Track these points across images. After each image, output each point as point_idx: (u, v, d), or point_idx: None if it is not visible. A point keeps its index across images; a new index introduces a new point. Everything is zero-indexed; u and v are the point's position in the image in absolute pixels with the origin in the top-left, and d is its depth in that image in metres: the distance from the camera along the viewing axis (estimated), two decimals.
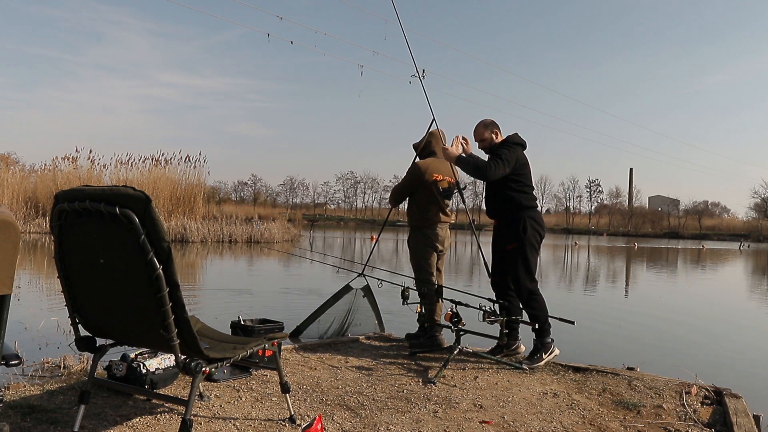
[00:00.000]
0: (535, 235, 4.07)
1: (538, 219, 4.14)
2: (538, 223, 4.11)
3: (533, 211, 4.14)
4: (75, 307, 2.31)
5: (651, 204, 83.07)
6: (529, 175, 4.19)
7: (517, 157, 4.10)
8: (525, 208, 4.09)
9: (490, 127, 4.28)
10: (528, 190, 4.16)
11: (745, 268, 21.10)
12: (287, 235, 23.88)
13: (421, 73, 5.00)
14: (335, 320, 5.02)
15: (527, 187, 4.15)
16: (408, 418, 2.88)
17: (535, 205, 4.18)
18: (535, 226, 4.08)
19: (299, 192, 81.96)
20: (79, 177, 22.71)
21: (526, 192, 4.14)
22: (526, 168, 4.18)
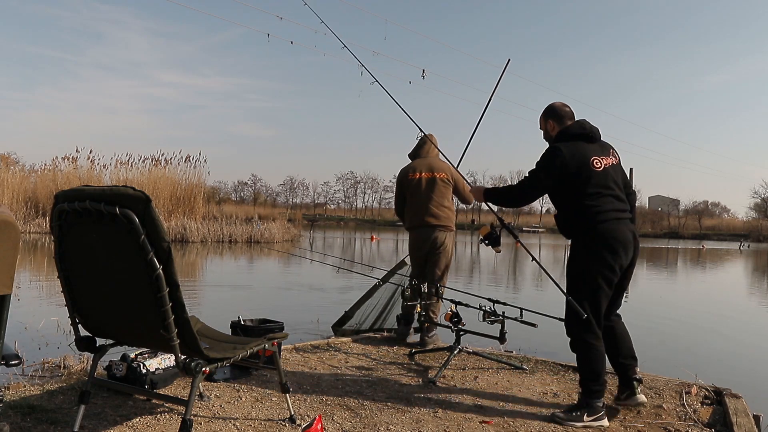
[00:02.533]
0: (593, 263, 3.00)
1: (603, 236, 2.99)
2: (603, 242, 2.98)
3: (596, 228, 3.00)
4: (75, 307, 2.31)
5: (651, 204, 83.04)
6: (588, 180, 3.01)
7: (557, 165, 3.02)
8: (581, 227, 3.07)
9: (545, 115, 3.29)
10: (590, 199, 3.01)
11: (745, 268, 21.09)
12: (287, 235, 23.88)
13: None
14: (373, 312, 5.07)
15: (587, 195, 3.01)
16: (408, 418, 2.88)
17: (603, 219, 2.99)
18: (595, 247, 3.00)
19: (299, 192, 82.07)
20: (79, 177, 22.71)
21: (587, 202, 3.01)
22: (583, 171, 3.00)
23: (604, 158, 3.08)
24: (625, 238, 3.00)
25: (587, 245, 3.03)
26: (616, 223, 3.01)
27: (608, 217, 3.00)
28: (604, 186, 3.02)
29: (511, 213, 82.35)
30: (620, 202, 3.06)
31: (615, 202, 3.03)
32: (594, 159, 3.04)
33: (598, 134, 3.17)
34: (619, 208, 3.05)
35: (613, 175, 3.07)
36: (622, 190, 3.11)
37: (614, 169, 3.10)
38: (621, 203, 3.07)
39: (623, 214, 3.05)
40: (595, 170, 3.02)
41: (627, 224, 3.06)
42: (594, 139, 3.13)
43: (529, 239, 40.72)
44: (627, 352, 3.19)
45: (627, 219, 3.08)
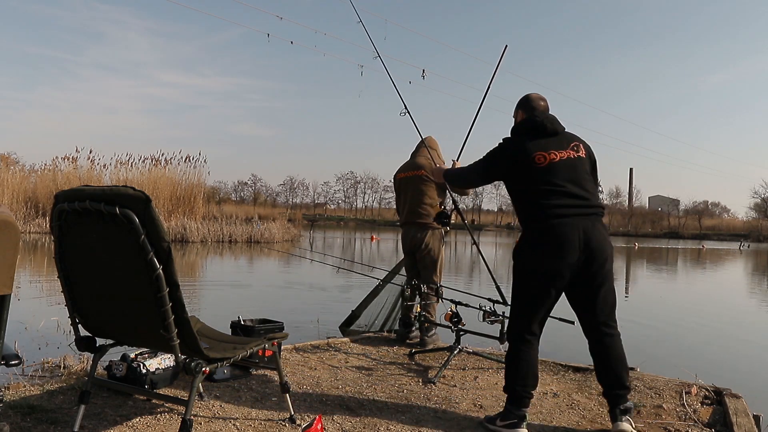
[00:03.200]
0: (527, 262, 2.82)
1: (540, 234, 2.79)
2: (540, 240, 2.79)
3: (534, 226, 2.83)
4: (75, 307, 2.31)
5: (651, 204, 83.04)
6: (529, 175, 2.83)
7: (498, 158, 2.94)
8: (525, 223, 2.89)
9: (517, 105, 3.09)
10: (531, 196, 2.84)
11: (745, 268, 21.09)
12: (287, 235, 23.88)
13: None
14: (382, 312, 5.07)
15: (528, 192, 2.85)
16: (408, 418, 2.88)
17: (542, 216, 2.78)
18: (531, 244, 2.82)
19: (299, 192, 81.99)
20: (79, 177, 22.71)
21: (530, 201, 2.85)
22: (523, 166, 2.83)
23: (558, 152, 2.83)
24: (567, 236, 2.71)
25: (525, 242, 2.84)
26: (558, 221, 2.74)
27: (550, 214, 2.76)
28: (549, 182, 2.79)
29: (511, 213, 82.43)
30: (571, 198, 2.78)
31: (563, 198, 2.77)
32: (539, 154, 2.82)
33: (552, 127, 2.90)
34: (568, 204, 2.77)
35: (566, 169, 2.81)
36: (580, 185, 2.82)
37: (568, 164, 2.83)
38: (573, 199, 2.78)
39: (572, 210, 2.77)
40: (537, 166, 2.81)
41: (576, 221, 2.75)
42: (547, 132, 2.88)
43: None
44: (616, 380, 2.80)
45: (579, 216, 2.77)
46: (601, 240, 2.76)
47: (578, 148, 2.90)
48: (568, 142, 2.90)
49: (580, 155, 2.88)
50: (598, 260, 2.74)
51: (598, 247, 2.73)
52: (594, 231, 2.75)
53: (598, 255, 2.73)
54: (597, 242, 2.73)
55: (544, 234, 2.77)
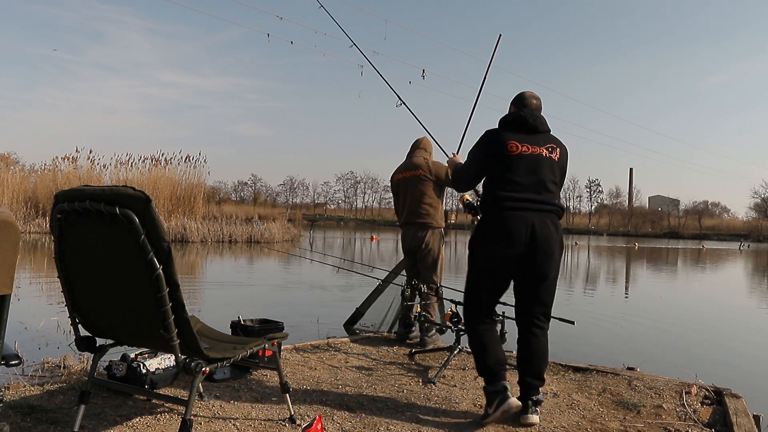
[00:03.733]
0: (476, 250, 2.94)
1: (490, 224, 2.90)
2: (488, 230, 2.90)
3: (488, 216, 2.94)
4: (75, 307, 2.31)
5: (651, 204, 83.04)
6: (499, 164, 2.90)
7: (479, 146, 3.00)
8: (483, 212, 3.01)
9: (511, 102, 3.18)
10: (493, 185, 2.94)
11: (745, 268, 21.10)
12: (287, 235, 23.89)
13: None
14: (389, 313, 5.07)
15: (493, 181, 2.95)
16: (408, 418, 2.88)
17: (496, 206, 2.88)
18: (481, 233, 2.93)
19: (299, 192, 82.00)
20: (79, 177, 22.71)
21: (491, 191, 2.94)
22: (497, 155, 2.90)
23: (531, 146, 2.89)
24: (514, 228, 2.79)
25: (478, 230, 2.95)
26: (509, 213, 2.83)
27: (503, 206, 2.85)
28: (512, 171, 2.86)
29: None
30: (529, 193, 2.85)
31: (521, 192, 2.84)
32: (512, 143, 2.88)
33: (533, 124, 2.95)
34: (523, 198, 2.83)
35: (532, 164, 2.87)
36: (541, 182, 2.87)
37: (536, 160, 2.88)
38: (530, 194, 2.84)
39: (525, 205, 2.83)
40: (509, 153, 2.87)
41: (527, 215, 2.81)
42: (527, 127, 2.94)
43: None
44: (535, 371, 2.88)
45: (531, 210, 2.82)
46: (548, 237, 2.82)
47: (553, 150, 2.96)
48: (546, 142, 2.96)
49: (552, 156, 2.94)
50: (541, 256, 2.82)
51: (544, 243, 2.81)
52: (543, 227, 2.82)
53: (541, 251, 2.81)
54: (543, 238, 2.81)
55: (494, 224, 2.88)
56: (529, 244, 2.80)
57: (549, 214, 2.88)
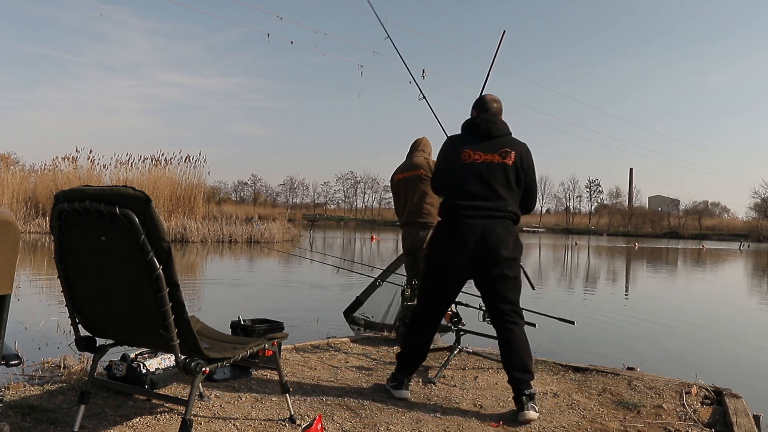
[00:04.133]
0: (431, 254, 3.14)
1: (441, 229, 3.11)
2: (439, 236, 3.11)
3: (442, 221, 3.14)
4: (75, 307, 2.31)
5: (651, 204, 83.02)
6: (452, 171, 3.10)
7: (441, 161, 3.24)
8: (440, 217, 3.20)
9: (472, 106, 3.31)
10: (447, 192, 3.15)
11: (745, 268, 21.10)
12: (287, 235, 23.89)
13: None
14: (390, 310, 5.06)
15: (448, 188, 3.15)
16: (408, 418, 2.88)
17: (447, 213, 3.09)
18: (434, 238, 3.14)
19: (299, 192, 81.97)
20: (79, 177, 22.72)
21: (446, 198, 3.16)
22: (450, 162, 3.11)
23: (483, 154, 3.01)
24: (463, 235, 2.95)
25: (434, 235, 3.15)
26: (460, 220, 2.99)
27: (454, 214, 3.02)
28: (464, 180, 3.01)
29: None
30: (479, 200, 2.98)
31: (471, 199, 2.99)
32: (466, 152, 3.04)
33: (487, 130, 3.06)
34: (473, 206, 2.98)
35: (483, 172, 2.99)
36: (492, 189, 2.99)
37: (487, 167, 3.00)
38: (480, 201, 2.98)
39: (475, 212, 2.97)
40: (461, 162, 3.03)
41: (476, 223, 2.95)
42: (480, 134, 3.06)
43: (528, 239, 40.72)
44: (520, 364, 2.97)
45: (481, 218, 2.96)
46: (498, 242, 2.95)
47: (507, 155, 3.04)
48: (499, 147, 3.05)
49: (505, 162, 3.03)
50: (492, 261, 2.96)
51: (493, 248, 2.94)
52: (492, 233, 2.95)
53: (492, 256, 2.95)
54: (492, 244, 2.95)
55: (446, 230, 3.06)
56: (479, 249, 2.94)
57: (500, 220, 3.00)
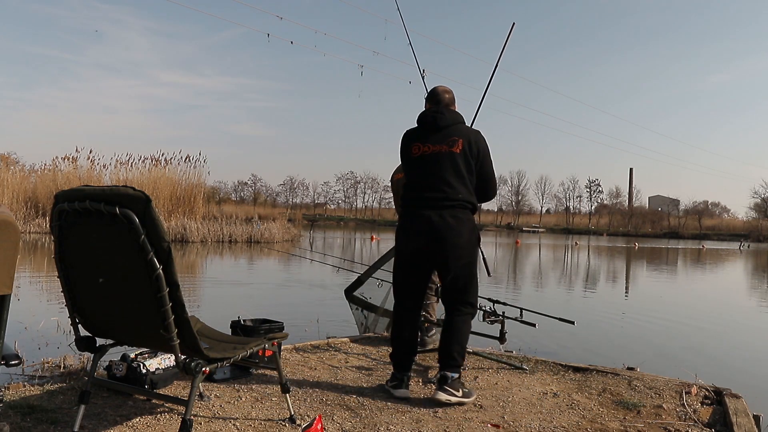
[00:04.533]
0: (396, 244, 3.29)
1: (400, 221, 3.27)
2: (399, 227, 3.26)
3: (401, 212, 3.30)
4: (75, 307, 2.31)
5: (651, 204, 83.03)
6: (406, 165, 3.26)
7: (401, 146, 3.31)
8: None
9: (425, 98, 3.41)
10: (406, 188, 3.26)
11: (745, 268, 21.10)
12: (287, 235, 23.88)
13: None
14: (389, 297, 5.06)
15: (406, 182, 3.27)
16: (408, 418, 2.88)
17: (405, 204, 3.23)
18: (397, 233, 3.27)
19: (299, 192, 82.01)
20: (79, 177, 22.73)
21: (405, 190, 3.27)
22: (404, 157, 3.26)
23: (432, 146, 3.11)
24: (415, 225, 3.11)
25: (397, 227, 3.27)
26: (412, 210, 3.14)
27: (408, 204, 3.17)
28: (415, 173, 3.16)
29: (511, 213, 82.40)
30: (430, 191, 3.08)
31: (423, 191, 3.10)
32: (415, 145, 3.16)
33: (434, 122, 3.14)
34: (424, 196, 3.09)
35: (433, 163, 3.09)
36: (443, 179, 3.07)
37: (437, 158, 3.09)
38: (431, 192, 3.08)
39: (426, 203, 3.08)
40: (412, 156, 3.16)
41: (427, 213, 3.06)
42: (429, 126, 3.15)
43: (528, 239, 40.70)
44: (444, 350, 3.11)
45: (432, 208, 3.06)
46: (448, 231, 3.04)
47: (454, 144, 3.10)
48: (448, 137, 3.12)
49: (453, 151, 3.10)
50: (443, 249, 3.06)
51: (444, 237, 3.04)
52: (442, 222, 3.04)
53: (442, 244, 3.06)
54: (443, 233, 3.04)
55: (403, 221, 3.22)
56: (431, 239, 3.05)
57: (450, 209, 3.06)
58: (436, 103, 3.23)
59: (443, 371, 3.06)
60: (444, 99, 3.24)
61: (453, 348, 3.09)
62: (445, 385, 3.02)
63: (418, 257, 3.14)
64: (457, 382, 3.06)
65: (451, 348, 3.09)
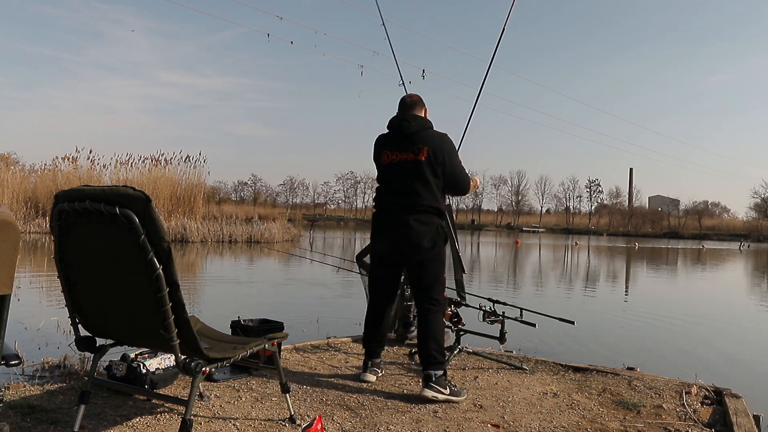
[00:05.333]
0: (371, 243, 3.53)
1: (373, 225, 3.47)
2: (372, 230, 3.49)
3: (373, 216, 3.50)
4: (75, 306, 2.31)
5: (651, 204, 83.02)
6: (379, 172, 3.44)
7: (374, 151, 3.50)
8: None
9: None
10: (377, 192, 3.47)
11: (745, 268, 21.10)
12: (287, 235, 23.88)
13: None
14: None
15: (378, 187, 3.47)
16: (408, 418, 2.88)
17: (377, 209, 3.43)
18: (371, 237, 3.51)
19: (299, 192, 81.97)
20: (79, 177, 22.73)
21: (376, 194, 3.48)
22: (377, 164, 3.45)
23: (399, 154, 3.29)
24: (383, 228, 3.35)
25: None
26: (383, 214, 3.36)
27: (379, 209, 3.38)
28: (384, 180, 3.37)
29: (511, 213, 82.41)
30: (397, 197, 3.27)
31: (390, 196, 3.32)
32: (384, 153, 3.35)
33: (399, 130, 3.30)
34: (392, 201, 3.30)
35: (398, 171, 3.28)
36: (408, 185, 3.24)
37: (402, 166, 3.27)
38: (397, 197, 3.27)
39: (393, 208, 3.29)
40: (381, 163, 3.37)
41: (393, 217, 3.27)
42: (395, 133, 3.32)
43: (528, 239, 40.71)
44: (422, 350, 3.24)
45: (398, 213, 3.25)
46: (412, 234, 3.22)
47: (419, 151, 3.24)
48: (413, 145, 3.26)
49: (418, 158, 3.24)
50: (407, 250, 3.26)
51: (408, 240, 3.23)
52: (407, 227, 3.22)
53: (407, 246, 3.25)
54: (407, 236, 3.23)
55: (373, 223, 3.43)
56: (397, 241, 3.26)
57: (416, 213, 3.23)
58: (401, 110, 3.40)
59: (426, 371, 3.17)
60: (408, 104, 3.40)
61: (430, 347, 3.21)
62: (430, 383, 3.11)
63: (386, 257, 3.39)
64: (442, 379, 3.14)
65: (428, 347, 3.21)
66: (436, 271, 3.31)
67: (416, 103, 3.41)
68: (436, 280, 3.32)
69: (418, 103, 3.42)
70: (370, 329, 3.52)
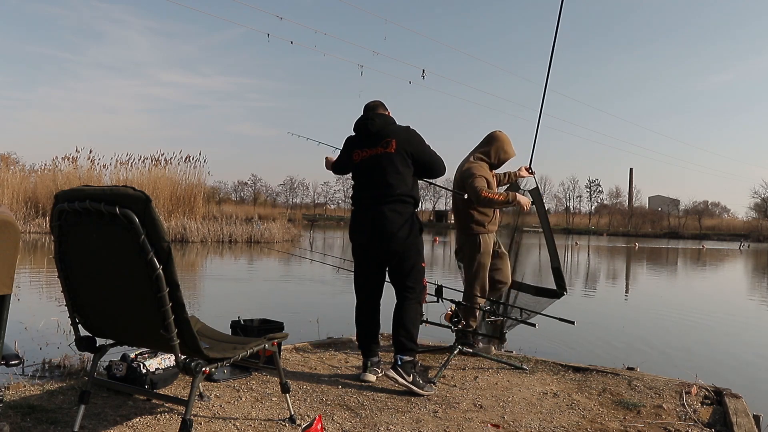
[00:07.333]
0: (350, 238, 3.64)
1: (351, 219, 3.62)
2: (350, 224, 3.62)
3: (352, 211, 3.64)
4: (75, 307, 2.31)
5: (651, 204, 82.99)
6: (352, 171, 3.60)
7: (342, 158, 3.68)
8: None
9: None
10: (353, 189, 3.61)
11: (745, 267, 21.09)
12: (287, 235, 23.87)
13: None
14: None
15: (354, 184, 3.61)
16: (408, 418, 2.88)
17: (354, 204, 3.58)
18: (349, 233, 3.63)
19: (299, 192, 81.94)
20: (79, 177, 22.74)
21: (353, 189, 3.62)
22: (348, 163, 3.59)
23: (369, 150, 3.43)
24: (361, 221, 3.46)
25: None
26: (359, 208, 3.49)
27: (355, 204, 3.52)
28: (358, 176, 3.51)
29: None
30: (371, 190, 3.41)
31: (365, 190, 3.45)
32: (355, 152, 3.50)
33: (365, 128, 3.46)
34: (367, 195, 3.44)
35: (371, 165, 3.41)
36: (382, 178, 3.36)
37: (374, 160, 3.40)
38: (372, 190, 3.40)
39: (368, 201, 3.42)
40: (353, 162, 3.51)
41: (369, 210, 3.40)
42: (363, 132, 3.48)
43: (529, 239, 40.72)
44: (393, 335, 3.39)
45: (373, 205, 3.38)
46: (388, 225, 3.34)
47: (388, 144, 3.40)
48: (381, 139, 3.41)
49: (388, 151, 3.39)
50: (384, 241, 3.37)
51: (385, 230, 3.34)
52: (382, 217, 3.35)
53: (384, 237, 3.35)
54: (383, 227, 3.34)
55: (352, 218, 3.56)
56: (374, 232, 3.37)
57: (390, 204, 3.36)
58: (366, 111, 3.57)
59: (395, 355, 3.32)
60: (371, 107, 3.58)
61: (399, 333, 3.34)
62: (396, 366, 3.23)
63: (365, 250, 3.49)
64: (407, 365, 3.23)
65: (398, 333, 3.35)
66: (412, 260, 3.41)
67: (378, 105, 3.60)
68: (413, 268, 3.42)
69: (380, 106, 3.61)
70: (362, 328, 3.58)
